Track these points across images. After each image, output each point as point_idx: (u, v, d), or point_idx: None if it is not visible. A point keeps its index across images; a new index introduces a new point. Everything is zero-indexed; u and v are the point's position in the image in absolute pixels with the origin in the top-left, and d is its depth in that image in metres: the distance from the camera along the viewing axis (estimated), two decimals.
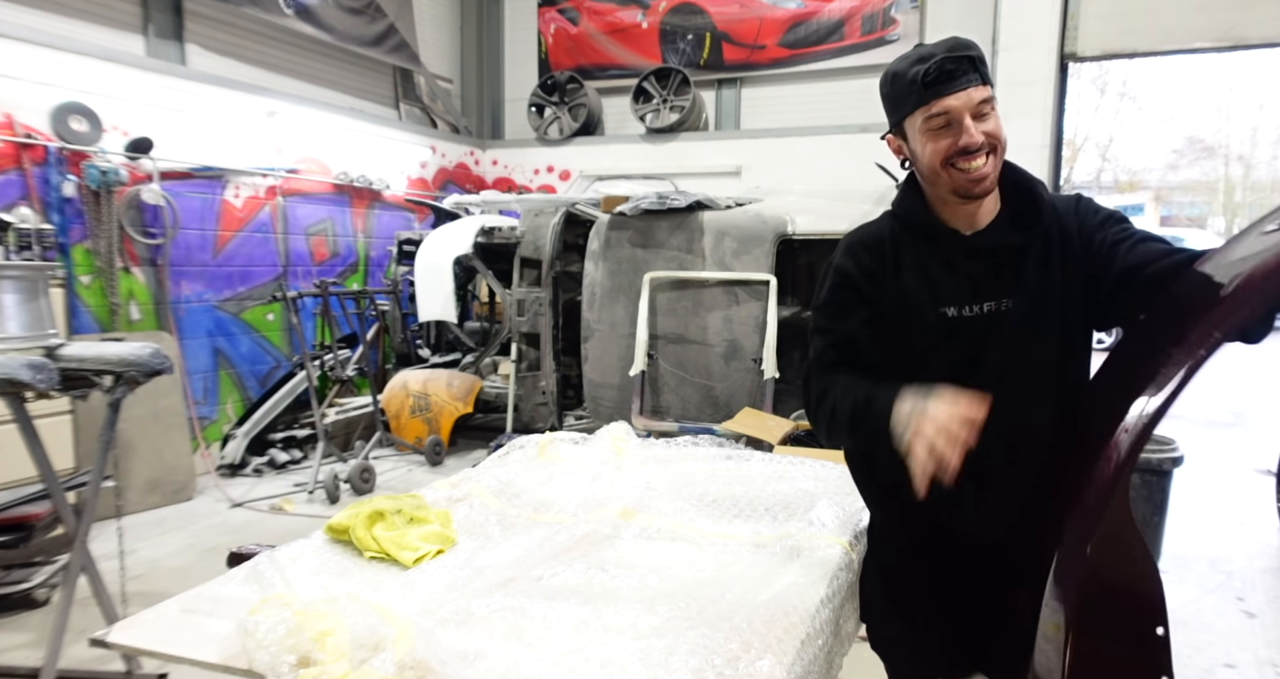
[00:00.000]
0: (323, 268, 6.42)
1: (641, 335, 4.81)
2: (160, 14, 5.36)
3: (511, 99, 8.73)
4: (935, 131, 1.35)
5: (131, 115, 4.94)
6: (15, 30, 4.40)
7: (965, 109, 1.32)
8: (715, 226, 4.86)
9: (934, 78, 1.32)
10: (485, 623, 1.34)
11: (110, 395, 2.43)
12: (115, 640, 1.35)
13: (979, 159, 1.34)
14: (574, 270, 5.62)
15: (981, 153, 1.34)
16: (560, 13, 8.29)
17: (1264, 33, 5.97)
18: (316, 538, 1.77)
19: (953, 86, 1.32)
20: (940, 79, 1.33)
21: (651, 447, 2.48)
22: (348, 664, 1.17)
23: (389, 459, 5.69)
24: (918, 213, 1.47)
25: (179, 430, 4.87)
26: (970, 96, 1.32)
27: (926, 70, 1.32)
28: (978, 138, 1.32)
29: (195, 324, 5.39)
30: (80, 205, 4.64)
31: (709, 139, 7.73)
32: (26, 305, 2.60)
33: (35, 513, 3.30)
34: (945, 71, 1.32)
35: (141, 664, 2.58)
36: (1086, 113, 18.19)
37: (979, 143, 1.33)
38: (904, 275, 1.45)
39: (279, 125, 6.02)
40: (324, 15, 6.40)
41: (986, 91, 1.34)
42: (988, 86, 1.34)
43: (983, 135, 1.33)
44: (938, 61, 1.32)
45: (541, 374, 5.54)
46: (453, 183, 8.13)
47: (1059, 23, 6.38)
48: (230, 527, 4.36)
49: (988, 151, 1.34)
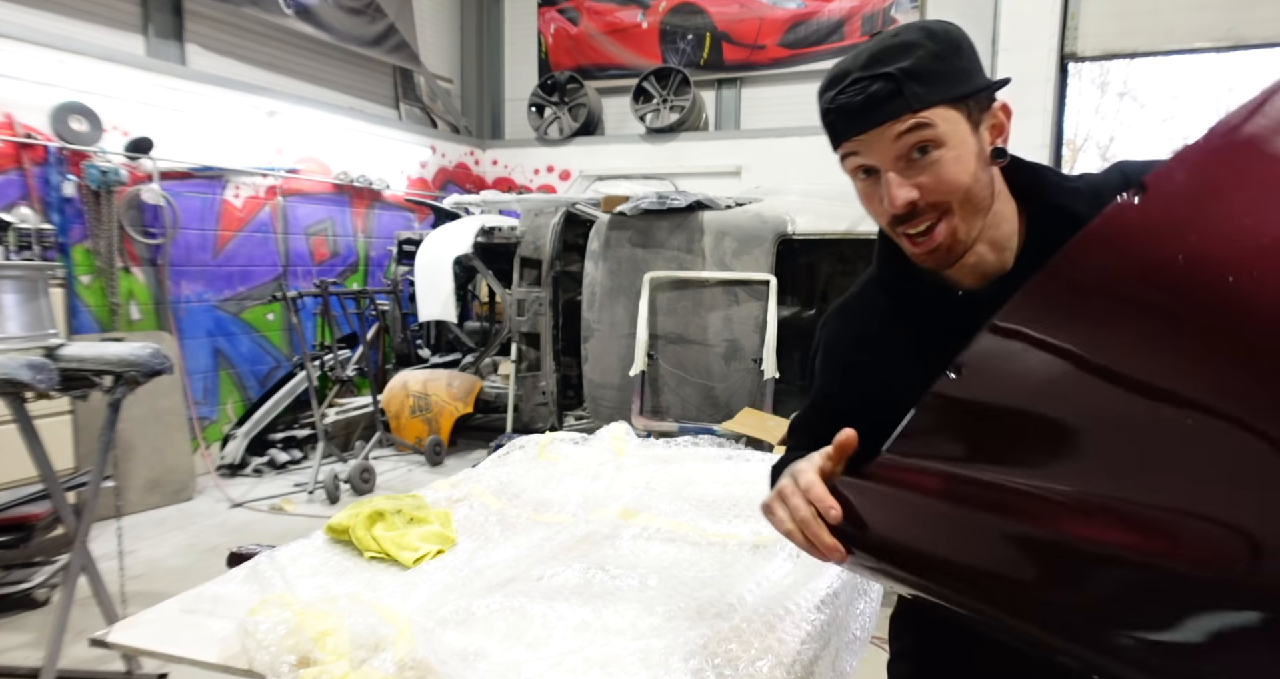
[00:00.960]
0: (323, 268, 6.42)
1: (641, 335, 4.81)
2: (160, 14, 5.36)
3: (511, 99, 8.73)
4: (861, 180, 0.97)
5: (131, 115, 4.94)
6: (15, 30, 4.40)
7: (882, 155, 0.92)
8: (715, 226, 4.86)
9: (839, 112, 0.93)
10: (485, 623, 1.34)
11: (110, 395, 2.43)
12: (115, 640, 1.35)
13: (920, 226, 0.94)
14: (574, 270, 5.61)
15: (919, 222, 0.94)
16: (560, 13, 8.29)
17: (1264, 33, 5.98)
18: (316, 538, 1.77)
19: (860, 124, 0.91)
20: (842, 114, 0.93)
21: (651, 447, 2.48)
22: (348, 664, 1.16)
23: (389, 459, 5.69)
24: (901, 272, 1.08)
25: (179, 430, 4.87)
26: (885, 135, 0.90)
27: (831, 103, 0.94)
28: (897, 202, 0.91)
29: (195, 324, 5.39)
30: (80, 205, 4.64)
31: (709, 139, 7.73)
32: (26, 305, 2.60)
33: (35, 513, 3.30)
34: (845, 108, 0.92)
35: (141, 664, 2.58)
36: (1086, 113, 18.20)
37: (899, 209, 0.92)
38: (902, 363, 1.06)
39: (279, 125, 6.02)
40: (324, 15, 6.40)
41: (922, 119, 0.90)
42: (928, 111, 0.89)
43: (913, 192, 0.91)
44: (841, 89, 0.92)
45: (541, 374, 5.54)
46: (453, 183, 8.14)
47: (1059, 23, 6.38)
48: (230, 527, 4.35)
49: (939, 214, 0.93)
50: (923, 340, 1.04)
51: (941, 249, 0.95)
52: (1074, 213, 0.95)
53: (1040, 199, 1.00)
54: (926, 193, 0.92)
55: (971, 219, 0.95)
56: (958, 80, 0.92)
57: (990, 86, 0.94)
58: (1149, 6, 6.20)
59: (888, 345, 1.11)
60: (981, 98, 0.94)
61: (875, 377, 1.11)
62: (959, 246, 0.96)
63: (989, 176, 0.96)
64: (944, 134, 0.91)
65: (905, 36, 0.92)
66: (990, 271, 1.01)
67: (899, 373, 1.05)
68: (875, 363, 1.11)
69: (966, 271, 1.01)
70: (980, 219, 0.96)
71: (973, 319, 0.95)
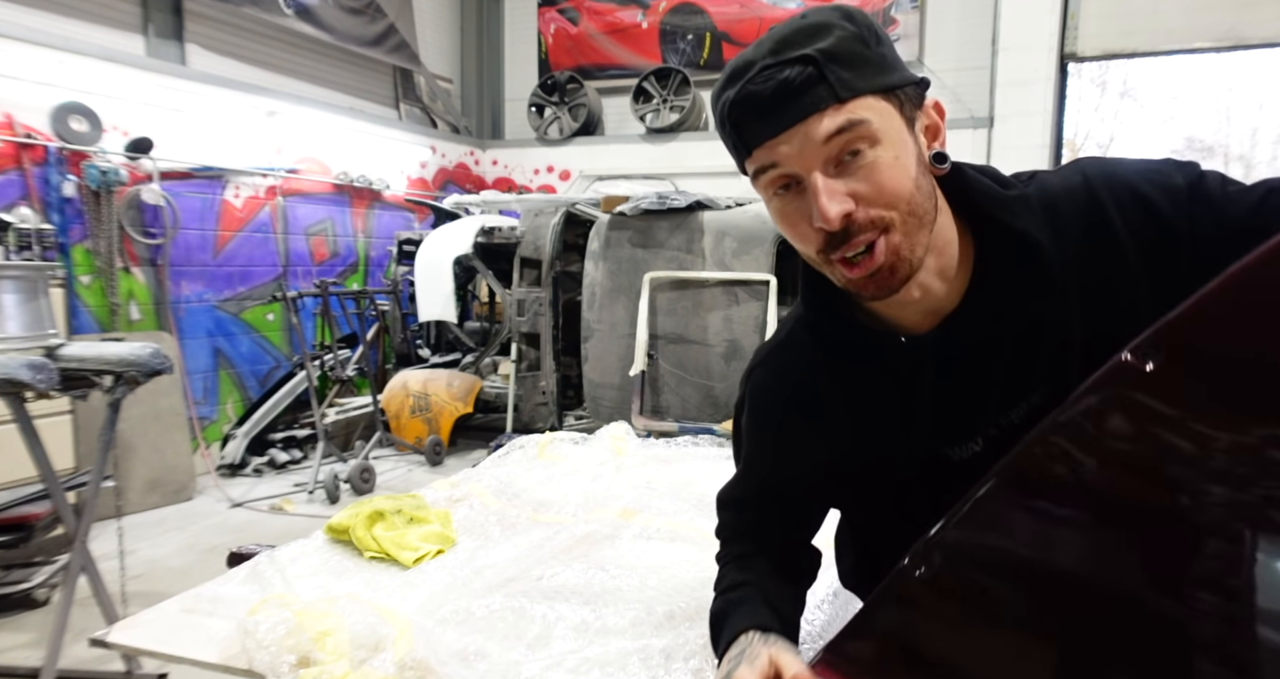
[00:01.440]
0: (323, 268, 6.42)
1: (641, 335, 4.81)
2: (160, 14, 5.36)
3: (511, 99, 8.73)
4: (780, 196, 0.79)
5: (131, 115, 4.94)
6: (15, 30, 4.40)
7: (809, 158, 0.74)
8: (715, 226, 4.86)
9: (746, 109, 0.75)
10: (485, 623, 1.34)
11: (110, 395, 2.43)
12: (115, 640, 1.35)
13: (857, 248, 0.76)
14: (574, 270, 5.61)
15: (859, 241, 0.75)
16: (560, 13, 8.29)
17: (1264, 33, 5.98)
18: (316, 538, 1.77)
19: (776, 122, 0.73)
20: (751, 111, 0.74)
21: (651, 447, 2.48)
22: (348, 664, 1.17)
23: (389, 459, 5.69)
24: (832, 313, 0.90)
25: (179, 430, 4.87)
26: (811, 133, 0.73)
27: (734, 99, 0.75)
28: (830, 214, 0.73)
29: (195, 324, 5.39)
30: (80, 205, 4.63)
31: (709, 139, 7.73)
32: (26, 305, 2.60)
33: (35, 513, 3.30)
34: (754, 101, 0.74)
35: (141, 664, 2.57)
36: (1086, 113, 18.20)
37: (834, 223, 0.74)
38: (839, 426, 0.92)
39: (279, 125, 6.02)
40: (324, 15, 6.40)
41: (851, 111, 0.73)
42: (856, 101, 0.73)
43: (848, 202, 0.74)
44: (747, 80, 0.74)
45: (541, 374, 5.54)
46: (453, 183, 8.13)
47: (1059, 23, 6.39)
48: (230, 527, 4.35)
49: (879, 232, 0.75)
50: (863, 397, 0.90)
51: (884, 270, 0.77)
52: (1026, 236, 0.80)
53: (986, 218, 0.82)
54: (865, 202, 0.74)
55: (915, 234, 0.77)
56: (884, 68, 0.75)
57: (919, 81, 0.79)
58: (1149, 6, 6.20)
59: (823, 404, 0.93)
60: (912, 92, 0.78)
61: (809, 443, 0.95)
62: (903, 267, 0.77)
63: (930, 185, 0.79)
64: (879, 130, 0.74)
65: (817, 17, 0.74)
66: (935, 306, 0.84)
67: (836, 439, 0.92)
68: (809, 426, 0.94)
69: (910, 309, 0.84)
70: (925, 235, 0.78)
71: (918, 370, 0.84)
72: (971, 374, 0.84)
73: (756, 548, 1.07)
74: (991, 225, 0.82)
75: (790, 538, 1.08)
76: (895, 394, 0.87)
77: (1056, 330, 0.81)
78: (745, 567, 1.04)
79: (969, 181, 0.83)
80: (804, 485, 1.00)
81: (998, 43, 6.50)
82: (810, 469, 0.97)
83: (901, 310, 0.84)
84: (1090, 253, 0.80)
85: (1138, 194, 0.80)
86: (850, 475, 0.93)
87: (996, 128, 6.54)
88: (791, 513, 1.06)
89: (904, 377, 0.86)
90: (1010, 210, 0.81)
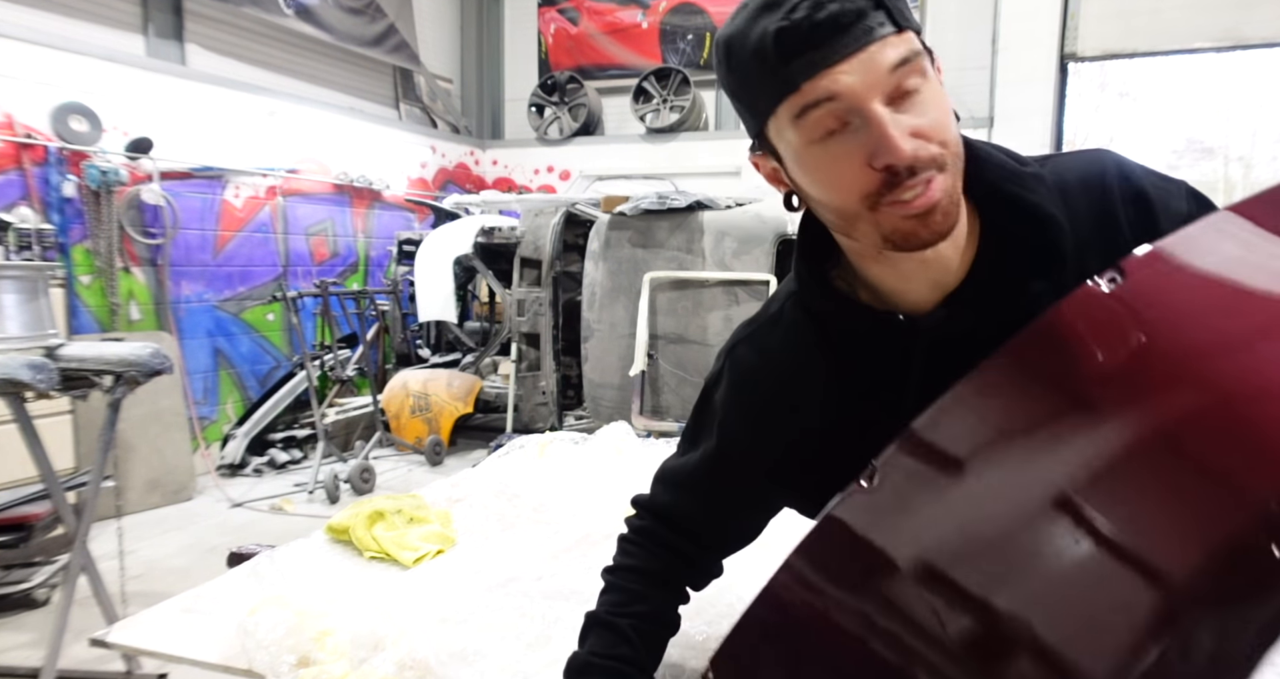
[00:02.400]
0: (323, 268, 6.42)
1: (641, 335, 4.81)
2: (160, 14, 5.36)
3: (511, 99, 8.73)
4: (822, 142, 0.70)
5: (131, 115, 4.94)
6: (15, 30, 4.40)
7: (872, 89, 0.67)
8: (715, 226, 4.86)
9: (797, 37, 0.67)
10: (485, 623, 1.34)
11: (110, 395, 2.43)
12: (115, 640, 1.35)
13: (918, 185, 0.69)
14: (574, 270, 5.61)
15: (923, 178, 0.69)
16: (560, 13, 8.29)
17: (1264, 33, 5.98)
18: (316, 538, 1.77)
19: (838, 48, 0.66)
20: (809, 37, 0.66)
21: (651, 446, 2.48)
22: (348, 664, 1.17)
23: (389, 459, 5.69)
24: (829, 292, 0.85)
25: (179, 430, 4.87)
26: (875, 61, 0.67)
27: (782, 27, 0.67)
28: (903, 147, 0.67)
29: (195, 324, 5.39)
30: (80, 205, 4.63)
31: (709, 139, 7.73)
32: (26, 305, 2.60)
33: (35, 513, 3.30)
34: (814, 23, 0.66)
35: (141, 664, 2.58)
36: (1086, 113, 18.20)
37: (906, 155, 0.67)
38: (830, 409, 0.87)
39: (279, 125, 6.02)
40: (324, 15, 6.40)
41: (908, 42, 0.68)
42: (908, 33, 0.69)
43: (913, 140, 0.68)
44: (793, 8, 0.67)
45: (541, 374, 5.54)
46: (453, 183, 8.13)
47: (1059, 23, 6.39)
48: (230, 527, 4.35)
49: (935, 167, 0.70)
50: (852, 379, 0.85)
51: (938, 211, 0.71)
52: (1039, 209, 0.77)
53: (998, 191, 0.78)
54: (925, 138, 0.69)
55: (959, 180, 0.73)
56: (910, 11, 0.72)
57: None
58: (1149, 6, 6.21)
59: (809, 384, 0.87)
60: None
61: (789, 424, 0.89)
62: (954, 210, 0.73)
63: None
64: (927, 67, 0.70)
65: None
66: (940, 278, 0.79)
67: (818, 421, 0.87)
68: (792, 407, 0.89)
69: (919, 277, 0.79)
70: (960, 187, 0.74)
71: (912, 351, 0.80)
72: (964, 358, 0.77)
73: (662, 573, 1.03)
74: (1003, 199, 0.78)
75: (706, 555, 1.06)
76: (885, 376, 0.83)
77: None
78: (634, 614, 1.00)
79: (980, 153, 0.80)
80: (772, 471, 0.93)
81: (998, 43, 6.51)
82: (785, 452, 0.91)
83: (909, 280, 0.80)
84: (1097, 244, 0.78)
85: (1146, 199, 0.80)
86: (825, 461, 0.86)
87: (996, 128, 6.54)
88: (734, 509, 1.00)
89: (897, 358, 0.82)
90: (1025, 184, 0.79)
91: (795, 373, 0.89)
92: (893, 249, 0.75)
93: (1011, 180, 0.79)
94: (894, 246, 0.74)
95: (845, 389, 0.86)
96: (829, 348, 0.86)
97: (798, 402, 0.89)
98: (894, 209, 0.71)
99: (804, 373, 0.88)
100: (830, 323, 0.86)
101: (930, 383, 0.76)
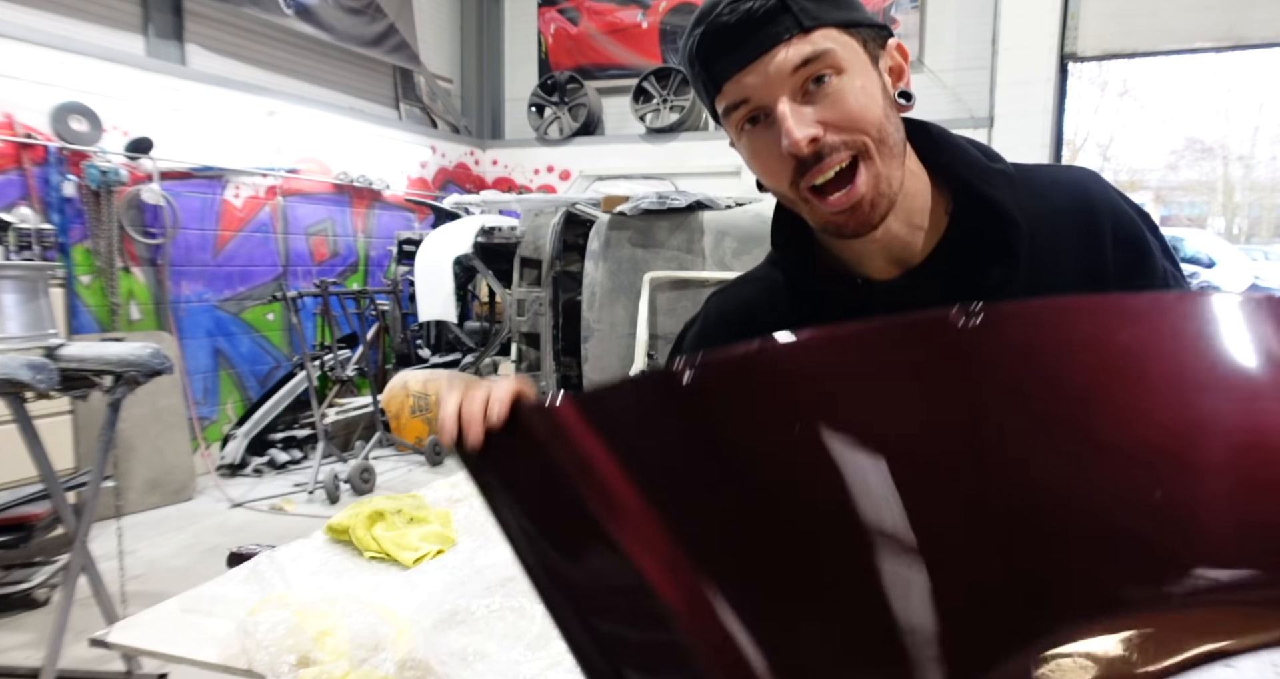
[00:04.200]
0: (323, 268, 6.42)
1: (641, 335, 4.81)
2: (160, 14, 5.36)
3: (511, 99, 8.73)
4: (750, 134, 0.79)
5: (131, 115, 4.94)
6: (15, 30, 4.40)
7: (775, 88, 0.74)
8: (715, 226, 4.86)
9: (713, 43, 0.75)
10: (485, 623, 1.34)
11: (110, 395, 2.43)
12: (115, 640, 1.35)
13: (829, 171, 0.75)
14: (574, 270, 5.61)
15: (830, 162, 0.75)
16: (560, 13, 8.29)
17: (1264, 33, 5.98)
18: (316, 538, 1.77)
19: (743, 52, 0.74)
20: (719, 45, 0.75)
21: None
22: (347, 664, 1.17)
23: (389, 459, 5.69)
24: (800, 256, 0.92)
25: (179, 430, 4.87)
26: (778, 63, 0.73)
27: (703, 33, 0.76)
28: (796, 135, 0.73)
29: (195, 324, 5.39)
30: (80, 205, 4.63)
31: (709, 139, 7.73)
32: (26, 305, 2.61)
33: (35, 513, 3.30)
34: (725, 30, 0.74)
35: (141, 664, 2.58)
36: (1086, 113, 18.21)
37: (802, 147, 0.73)
38: None
39: (279, 125, 6.02)
40: (324, 15, 6.40)
41: (815, 42, 0.73)
42: (820, 31, 0.74)
43: (815, 128, 0.74)
44: (717, 14, 0.75)
45: (541, 374, 5.54)
46: (453, 183, 8.13)
47: (1059, 23, 6.39)
48: (230, 527, 4.35)
49: (851, 155, 0.75)
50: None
51: (865, 203, 0.76)
52: (999, 206, 0.81)
53: (958, 182, 0.84)
54: (833, 127, 0.74)
55: (891, 165, 0.78)
56: (847, 5, 0.77)
57: (881, 25, 0.80)
58: (1149, 6, 6.21)
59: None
60: (873, 32, 0.78)
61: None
62: (882, 201, 0.77)
63: (897, 125, 0.80)
64: (844, 60, 0.74)
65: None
66: (899, 256, 0.85)
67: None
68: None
69: (874, 253, 0.85)
70: (899, 169, 0.79)
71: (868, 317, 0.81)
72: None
73: None
74: (965, 192, 0.83)
75: None
76: None
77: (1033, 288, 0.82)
78: None
79: (951, 143, 0.85)
80: None
81: (998, 43, 6.50)
82: None
83: (864, 254, 0.85)
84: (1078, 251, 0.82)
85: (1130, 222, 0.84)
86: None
87: (996, 128, 6.54)
88: None
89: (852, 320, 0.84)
90: (990, 181, 0.83)
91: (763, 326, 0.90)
92: (833, 234, 0.81)
93: (978, 176, 0.84)
94: (830, 235, 0.82)
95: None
96: (798, 308, 0.92)
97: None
98: (821, 204, 0.77)
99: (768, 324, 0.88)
100: (800, 285, 0.92)
101: None
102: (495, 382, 0.74)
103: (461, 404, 0.72)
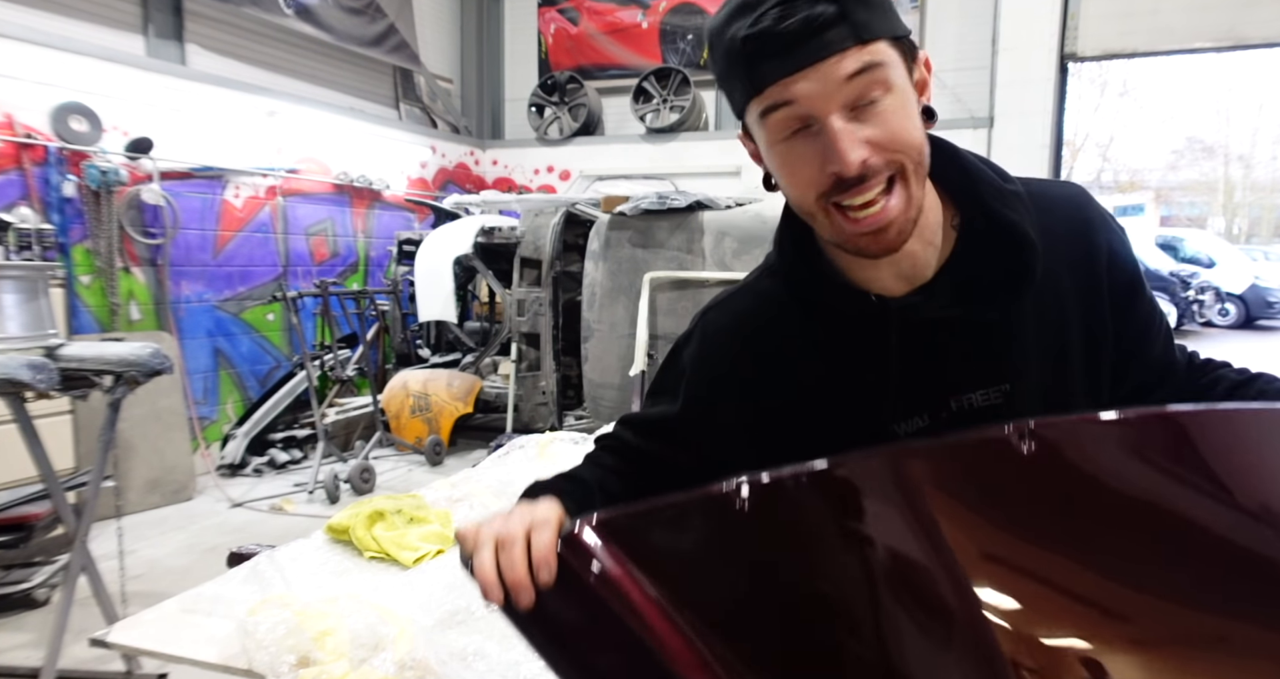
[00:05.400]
0: (323, 268, 6.42)
1: (641, 335, 4.81)
2: (160, 14, 5.35)
3: (511, 99, 8.73)
4: (786, 141, 0.75)
5: (131, 115, 4.94)
6: (15, 30, 4.40)
7: (829, 99, 0.71)
8: (715, 226, 4.86)
9: (762, 45, 0.71)
10: (485, 623, 1.34)
11: (110, 395, 2.43)
12: (115, 640, 1.35)
13: (869, 193, 0.73)
14: (574, 270, 5.61)
15: (872, 184, 0.73)
16: (560, 13, 8.29)
17: (1264, 33, 5.98)
18: (316, 538, 1.77)
19: (797, 58, 0.70)
20: (768, 47, 0.71)
21: None
22: (347, 664, 1.17)
23: (389, 459, 5.69)
24: (806, 269, 0.88)
25: (179, 430, 4.87)
26: (833, 72, 0.70)
27: (750, 33, 0.71)
28: (850, 158, 0.71)
29: (195, 324, 5.39)
30: (80, 205, 4.63)
31: (709, 139, 7.73)
32: (26, 305, 2.61)
33: (35, 513, 3.30)
34: (773, 36, 0.70)
35: (141, 664, 2.58)
36: (1086, 113, 18.21)
37: (852, 169, 0.71)
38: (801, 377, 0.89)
39: (279, 125, 6.02)
40: (324, 15, 6.40)
41: (871, 54, 0.71)
42: (878, 43, 0.72)
43: (864, 149, 0.72)
44: (762, 13, 0.70)
45: (541, 374, 5.54)
46: (453, 183, 8.13)
47: (1059, 23, 6.39)
48: (230, 527, 4.35)
49: (887, 179, 0.74)
50: (821, 354, 0.87)
51: (894, 226, 0.75)
52: (1017, 229, 0.81)
53: (981, 205, 0.83)
54: (879, 149, 0.72)
55: (921, 187, 0.77)
56: (892, 15, 0.74)
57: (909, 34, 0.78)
58: (1149, 6, 6.20)
59: (777, 354, 0.90)
60: (910, 44, 0.77)
61: (753, 391, 0.91)
62: (910, 225, 0.77)
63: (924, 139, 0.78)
64: (892, 78, 0.73)
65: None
66: (909, 272, 0.84)
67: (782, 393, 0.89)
68: (758, 374, 0.91)
69: (886, 268, 0.83)
70: (923, 189, 0.78)
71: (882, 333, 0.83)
72: (934, 347, 0.83)
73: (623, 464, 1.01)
74: (986, 214, 0.83)
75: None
76: (853, 355, 0.86)
77: (1031, 326, 0.83)
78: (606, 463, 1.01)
79: (965, 162, 0.85)
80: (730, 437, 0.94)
81: (998, 43, 6.50)
82: (747, 420, 0.92)
83: (877, 270, 0.84)
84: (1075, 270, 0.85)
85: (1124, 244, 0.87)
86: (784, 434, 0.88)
87: (996, 128, 6.54)
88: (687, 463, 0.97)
89: (866, 338, 0.85)
90: (1007, 203, 0.83)
91: (765, 342, 0.91)
92: (847, 249, 0.80)
93: (995, 198, 0.83)
94: (848, 251, 0.81)
95: (812, 363, 0.89)
96: (802, 322, 0.89)
97: (765, 366, 0.91)
98: (848, 223, 0.76)
99: (774, 343, 0.91)
100: (807, 297, 0.89)
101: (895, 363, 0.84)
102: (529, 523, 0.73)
103: (501, 563, 0.71)
